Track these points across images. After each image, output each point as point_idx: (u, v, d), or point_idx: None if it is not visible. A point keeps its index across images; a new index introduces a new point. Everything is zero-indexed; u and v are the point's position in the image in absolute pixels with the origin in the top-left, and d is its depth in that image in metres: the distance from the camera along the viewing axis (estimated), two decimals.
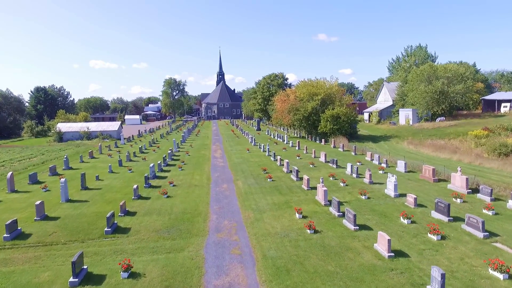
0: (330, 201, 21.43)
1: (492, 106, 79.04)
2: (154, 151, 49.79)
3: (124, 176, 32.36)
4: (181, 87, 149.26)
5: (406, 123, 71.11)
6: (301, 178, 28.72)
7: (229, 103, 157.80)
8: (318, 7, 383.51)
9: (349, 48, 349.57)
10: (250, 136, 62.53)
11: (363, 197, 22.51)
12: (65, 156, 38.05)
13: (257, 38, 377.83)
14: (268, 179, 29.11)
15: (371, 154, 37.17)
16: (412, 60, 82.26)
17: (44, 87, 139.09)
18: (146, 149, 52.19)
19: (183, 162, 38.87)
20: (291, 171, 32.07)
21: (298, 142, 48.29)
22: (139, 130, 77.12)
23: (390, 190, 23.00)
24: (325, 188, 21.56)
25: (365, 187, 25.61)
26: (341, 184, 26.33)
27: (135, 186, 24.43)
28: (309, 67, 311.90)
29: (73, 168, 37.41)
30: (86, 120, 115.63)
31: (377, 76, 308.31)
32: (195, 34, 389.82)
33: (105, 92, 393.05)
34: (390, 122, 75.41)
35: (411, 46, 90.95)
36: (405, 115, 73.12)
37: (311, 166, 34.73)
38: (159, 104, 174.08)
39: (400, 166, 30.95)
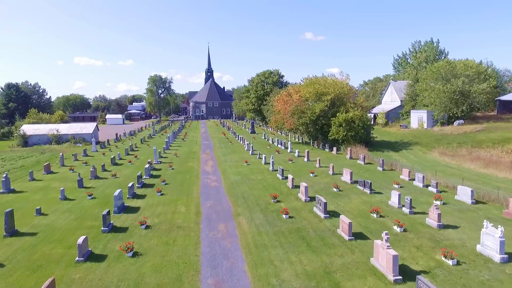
0: (400, 270, 12.91)
1: (508, 108, 71.88)
2: (130, 162, 40.46)
3: (80, 207, 23.18)
4: (167, 85, 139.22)
5: (420, 127, 63.33)
6: (332, 214, 20.14)
7: (219, 102, 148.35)
8: (304, 6, 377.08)
9: (336, 47, 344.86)
10: (245, 141, 53.71)
11: (450, 261, 13.96)
12: (5, 175, 28.53)
13: (244, 36, 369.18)
14: (284, 215, 20.38)
15: (409, 171, 28.76)
16: (422, 56, 74.47)
17: (16, 83, 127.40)
18: (121, 159, 42.85)
19: (164, 181, 29.79)
20: (311, 199, 23.45)
21: (307, 152, 39.61)
22: (116, 134, 67.43)
23: (491, 250, 14.47)
24: (394, 253, 12.94)
25: (436, 235, 17.09)
26: (397, 229, 17.75)
27: (80, 241, 15.26)
28: (296, 66, 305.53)
29: (16, 190, 27.91)
30: (62, 120, 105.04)
31: (366, 75, 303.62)
32: (181, 31, 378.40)
33: (91, 90, 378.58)
34: (400, 125, 67.55)
35: (419, 41, 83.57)
36: (418, 118, 65.29)
37: (335, 189, 26.10)
38: (144, 102, 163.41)
39: (463, 193, 22.55)
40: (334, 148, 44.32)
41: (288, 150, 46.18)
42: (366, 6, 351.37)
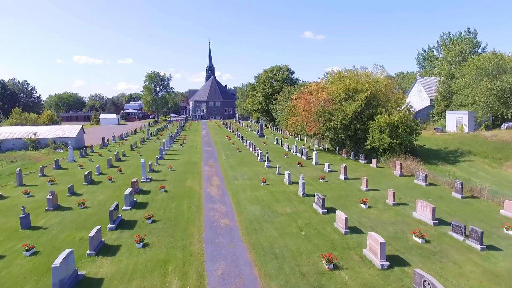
0: None
1: None
2: (110, 179, 30.74)
3: (2, 278, 13.68)
4: (166, 83, 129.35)
5: (459, 130, 53.86)
6: None
7: (221, 101, 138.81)
8: (304, 5, 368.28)
9: (336, 46, 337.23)
10: (256, 149, 44.20)
11: None
12: None
13: (243, 35, 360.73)
14: None
15: None
16: (457, 49, 64.71)
17: (2, 80, 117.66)
18: (100, 173, 33.22)
19: (150, 217, 20.16)
20: (392, 266, 13.94)
21: (345, 167, 29.86)
22: (103, 138, 57.83)
23: None
24: None
25: None
26: None
27: None
28: (297, 65, 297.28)
29: None
30: (52, 120, 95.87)
31: None
32: (181, 30, 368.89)
33: (90, 89, 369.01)
34: (435, 129, 57.95)
35: (449, 33, 73.91)
36: (456, 120, 55.78)
37: (418, 240, 16.50)
38: (141, 101, 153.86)
39: None
40: (373, 160, 34.69)
41: (313, 162, 36.55)
42: (367, 5, 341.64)
